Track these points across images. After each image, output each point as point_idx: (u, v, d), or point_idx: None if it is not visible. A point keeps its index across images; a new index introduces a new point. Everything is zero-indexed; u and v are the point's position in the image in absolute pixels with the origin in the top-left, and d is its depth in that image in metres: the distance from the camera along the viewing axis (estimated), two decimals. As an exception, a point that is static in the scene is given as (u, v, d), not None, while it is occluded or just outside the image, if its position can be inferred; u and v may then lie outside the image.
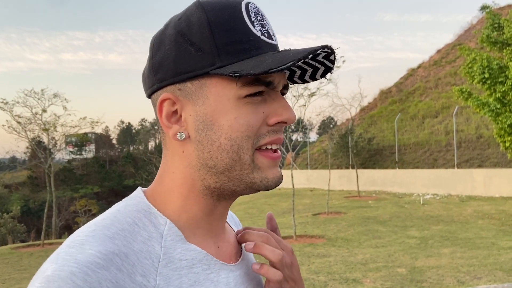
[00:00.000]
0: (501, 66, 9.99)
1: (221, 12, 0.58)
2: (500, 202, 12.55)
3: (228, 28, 0.57)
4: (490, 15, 11.48)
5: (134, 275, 0.52)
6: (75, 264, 0.49)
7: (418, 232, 8.91)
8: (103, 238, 0.53)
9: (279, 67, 0.53)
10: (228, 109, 0.58)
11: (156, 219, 0.59)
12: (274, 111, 0.60)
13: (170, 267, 0.56)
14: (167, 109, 0.60)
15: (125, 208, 0.60)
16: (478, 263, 6.20)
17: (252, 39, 0.58)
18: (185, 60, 0.58)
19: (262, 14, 0.62)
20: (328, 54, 0.60)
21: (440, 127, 19.45)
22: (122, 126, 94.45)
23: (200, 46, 0.57)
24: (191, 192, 0.61)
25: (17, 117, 11.12)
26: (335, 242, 8.27)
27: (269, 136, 0.60)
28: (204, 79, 0.58)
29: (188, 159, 0.60)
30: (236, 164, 0.58)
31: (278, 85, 0.60)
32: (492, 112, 9.78)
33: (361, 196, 15.70)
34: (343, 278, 5.76)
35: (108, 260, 0.51)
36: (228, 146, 0.58)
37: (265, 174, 0.60)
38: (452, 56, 24.80)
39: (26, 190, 49.82)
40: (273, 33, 0.62)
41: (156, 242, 0.57)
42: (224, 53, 0.57)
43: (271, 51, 0.60)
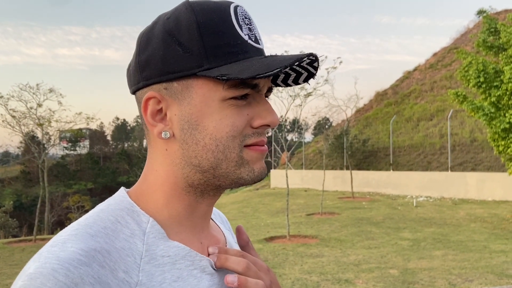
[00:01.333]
0: (496, 71, 10.05)
1: (211, 14, 0.59)
2: (492, 206, 12.64)
3: (217, 30, 0.58)
4: (487, 19, 11.54)
5: (117, 271, 0.53)
6: (57, 261, 0.49)
7: (411, 234, 8.95)
8: (85, 236, 0.54)
9: (266, 73, 0.55)
10: (213, 111, 0.59)
11: (139, 217, 0.60)
12: (258, 114, 0.61)
13: (153, 264, 0.57)
14: (152, 108, 0.61)
15: (107, 207, 0.60)
16: (470, 266, 6.23)
17: (240, 42, 0.59)
18: (172, 60, 0.59)
19: (250, 18, 0.62)
20: (312, 61, 0.62)
21: (435, 130, 19.55)
22: (117, 122, 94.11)
23: (188, 47, 0.58)
24: (174, 190, 0.62)
25: (11, 111, 11.05)
26: (328, 242, 8.29)
27: (254, 137, 0.61)
28: (190, 80, 0.59)
29: (171, 157, 0.61)
30: (222, 162, 0.60)
31: (263, 88, 0.62)
32: (486, 116, 9.84)
33: (355, 197, 15.75)
34: (335, 279, 5.77)
35: (90, 256, 0.51)
36: (213, 146, 0.59)
37: (251, 167, 0.62)
38: (448, 60, 24.93)
39: (19, 185, 49.53)
40: (259, 37, 0.63)
41: (139, 239, 0.58)
42: (212, 55, 0.58)
43: (258, 55, 0.61)
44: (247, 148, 0.61)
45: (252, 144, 0.61)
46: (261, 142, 0.62)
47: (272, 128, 0.63)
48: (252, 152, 0.61)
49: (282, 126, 11.57)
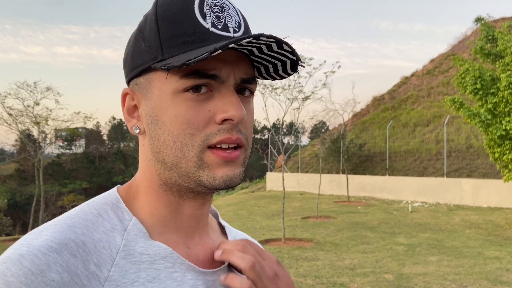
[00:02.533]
0: (493, 78, 10.12)
1: (170, 5, 0.57)
2: (487, 212, 12.69)
3: (174, 21, 0.56)
4: (485, 27, 11.62)
5: (88, 262, 0.52)
6: (27, 248, 0.49)
7: (406, 239, 8.97)
8: (63, 226, 0.54)
9: (196, 58, 0.51)
10: (169, 105, 0.56)
11: (122, 213, 0.59)
12: (220, 107, 0.56)
13: (129, 260, 0.55)
14: (128, 103, 0.61)
15: (93, 201, 0.60)
16: (464, 272, 6.25)
17: (198, 31, 0.56)
18: (137, 55, 0.59)
19: (223, 5, 0.59)
20: (279, 45, 0.55)
21: (431, 136, 19.62)
22: (113, 122, 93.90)
23: (148, 40, 0.57)
24: (151, 187, 0.61)
25: (8, 108, 11.02)
26: (323, 246, 8.30)
27: (219, 135, 0.56)
28: (151, 74, 0.58)
29: (146, 152, 0.61)
30: (181, 160, 0.57)
31: (228, 79, 0.57)
32: (482, 123, 9.89)
33: (351, 201, 15.76)
34: (330, 282, 5.77)
35: (63, 245, 0.51)
36: (171, 142, 0.57)
37: (212, 173, 0.57)
38: (445, 66, 25.05)
39: (14, 183, 49.26)
40: (234, 24, 0.58)
41: (118, 234, 0.57)
42: (167, 46, 0.56)
43: (223, 42, 0.55)
44: (210, 149, 0.57)
45: (217, 144, 0.56)
46: (227, 140, 0.56)
47: (236, 123, 0.56)
48: (214, 157, 0.57)
49: (279, 129, 11.59)
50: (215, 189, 0.58)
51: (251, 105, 0.62)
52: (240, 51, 0.58)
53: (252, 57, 0.60)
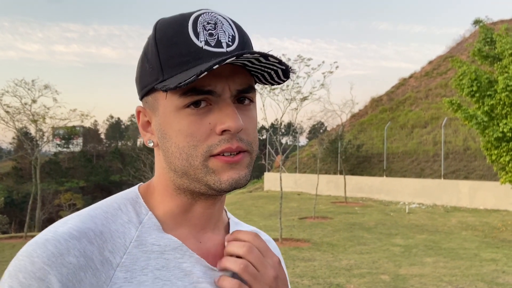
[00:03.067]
0: (490, 80, 10.14)
1: (167, 29, 0.62)
2: (484, 214, 12.73)
3: (171, 43, 0.61)
4: (483, 29, 11.65)
5: (103, 249, 0.59)
6: (53, 234, 0.57)
7: (402, 240, 8.99)
8: (86, 217, 0.61)
9: (185, 81, 0.56)
10: (172, 120, 0.62)
11: (140, 208, 0.66)
12: (219, 119, 0.61)
13: (141, 249, 0.62)
14: (142, 120, 0.68)
15: (116, 196, 0.68)
16: (461, 274, 6.27)
17: (192, 51, 0.60)
18: (143, 76, 0.65)
19: (217, 22, 0.62)
20: (266, 58, 0.59)
21: (429, 138, 19.66)
22: (111, 121, 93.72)
23: (151, 63, 0.63)
24: (166, 191, 0.67)
25: (6, 106, 10.97)
26: (320, 246, 8.30)
27: (220, 145, 0.61)
28: (156, 93, 0.64)
29: (161, 162, 0.67)
30: (189, 169, 0.62)
31: (224, 92, 0.61)
32: (479, 125, 9.91)
33: (348, 202, 15.78)
34: (327, 283, 5.78)
35: (83, 233, 0.58)
36: (177, 153, 0.62)
37: (218, 177, 0.62)
38: (444, 68, 25.11)
39: (10, 181, 49.12)
40: (228, 39, 0.62)
41: (134, 226, 0.63)
42: (166, 67, 0.61)
43: (216, 58, 0.59)
44: (213, 157, 0.61)
45: (219, 153, 0.61)
46: (228, 149, 0.61)
47: (233, 133, 0.61)
48: (217, 162, 0.61)
49: (277, 130, 11.58)
50: (223, 191, 0.63)
51: (251, 112, 0.66)
52: (234, 65, 0.61)
53: (247, 67, 0.63)
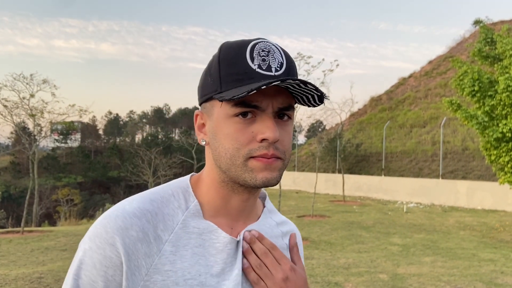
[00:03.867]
0: (491, 80, 10.12)
1: (230, 50, 0.76)
2: (482, 215, 12.73)
3: (230, 63, 0.75)
4: (484, 29, 11.62)
5: (157, 228, 0.75)
6: (122, 211, 0.75)
7: (400, 239, 8.98)
8: (146, 199, 0.78)
9: (238, 95, 0.68)
10: (223, 126, 0.75)
11: (189, 196, 0.81)
12: (260, 130, 0.74)
13: (184, 230, 0.77)
14: (198, 122, 0.82)
15: (172, 183, 0.83)
16: (459, 273, 6.26)
17: (247, 71, 0.73)
18: (205, 86, 0.79)
19: (269, 50, 0.76)
20: (305, 84, 0.71)
21: (427, 137, 19.66)
22: (109, 117, 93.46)
23: (212, 77, 0.76)
24: (212, 183, 0.81)
25: (3, 100, 10.90)
26: (318, 245, 8.29)
27: (259, 150, 0.74)
28: (213, 101, 0.77)
29: (211, 158, 0.80)
30: (231, 166, 0.75)
31: (267, 108, 0.74)
32: (479, 125, 9.89)
33: (346, 201, 15.78)
34: (325, 281, 5.76)
35: (143, 213, 0.75)
36: (223, 153, 0.76)
37: (255, 175, 0.75)
38: (443, 68, 25.09)
39: (8, 175, 48.99)
40: (277, 65, 0.75)
41: (181, 211, 0.79)
42: (224, 82, 0.75)
43: (266, 80, 0.73)
44: (252, 158, 0.74)
45: (258, 156, 0.74)
46: (265, 155, 0.74)
47: (271, 142, 0.73)
48: (255, 162, 0.74)
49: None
50: (257, 187, 0.76)
51: (289, 127, 0.79)
52: (279, 87, 0.74)
53: (289, 90, 0.75)
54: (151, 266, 0.73)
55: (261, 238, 0.82)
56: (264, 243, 0.82)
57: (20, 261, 7.04)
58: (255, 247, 0.81)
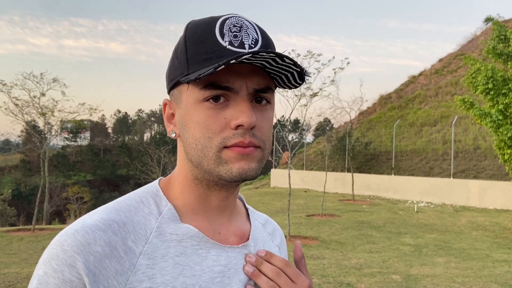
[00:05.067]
0: (505, 78, 9.96)
1: (196, 29, 0.67)
2: (494, 214, 12.56)
3: (198, 41, 0.66)
4: (497, 26, 11.44)
5: (126, 240, 0.64)
6: (81, 225, 0.63)
7: (412, 239, 8.87)
8: (111, 209, 0.67)
9: (205, 72, 0.60)
10: (192, 113, 0.67)
11: (160, 201, 0.70)
12: (234, 115, 0.65)
13: (160, 239, 0.66)
14: (167, 112, 0.73)
15: (139, 190, 0.73)
16: (473, 275, 6.16)
17: (216, 49, 0.65)
18: (172, 71, 0.70)
19: (242, 25, 0.67)
20: (281, 59, 0.63)
21: (438, 136, 19.46)
22: (118, 115, 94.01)
23: (179, 59, 0.68)
24: (185, 181, 0.71)
25: (14, 99, 10.97)
26: (329, 244, 8.22)
27: (234, 138, 0.65)
28: (181, 86, 0.68)
29: (182, 153, 0.72)
30: (203, 159, 0.67)
31: (241, 89, 0.65)
32: (493, 124, 9.74)
33: (356, 200, 15.67)
34: (337, 282, 5.70)
35: (108, 225, 0.64)
36: (193, 144, 0.67)
37: (230, 167, 0.66)
38: (454, 66, 24.81)
39: (19, 173, 49.50)
40: (251, 41, 0.66)
41: (154, 217, 0.68)
42: (192, 63, 0.66)
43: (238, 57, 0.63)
44: (226, 148, 0.65)
45: (232, 145, 0.65)
46: (240, 143, 0.65)
47: (246, 128, 0.65)
48: (230, 152, 0.65)
49: (285, 126, 11.50)
50: (233, 181, 0.67)
51: (268, 112, 0.70)
52: (253, 65, 0.65)
53: (266, 69, 0.67)
54: (125, 285, 0.62)
55: (269, 256, 0.73)
56: (274, 261, 0.72)
57: (31, 259, 7.06)
58: (264, 269, 0.71)
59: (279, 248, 0.84)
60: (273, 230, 0.86)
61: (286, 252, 0.88)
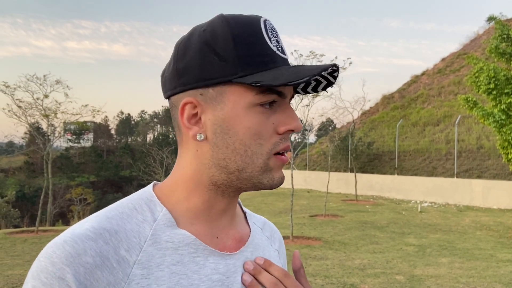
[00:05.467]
0: (508, 78, 9.92)
1: (244, 27, 0.64)
2: (498, 214, 12.51)
3: (249, 42, 0.64)
4: (499, 25, 11.40)
5: (119, 249, 0.61)
6: (70, 235, 0.60)
7: (416, 239, 8.85)
8: (102, 217, 0.64)
9: (297, 81, 0.60)
10: (243, 117, 0.64)
11: (155, 206, 0.67)
12: (283, 120, 0.66)
13: (155, 247, 0.63)
14: (189, 112, 0.66)
15: (132, 196, 0.69)
16: (477, 275, 6.13)
17: (269, 53, 0.64)
18: (209, 67, 0.64)
19: (276, 31, 0.68)
20: (333, 71, 0.66)
21: (441, 136, 19.40)
22: (121, 116, 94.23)
23: (224, 56, 0.63)
24: (197, 187, 0.68)
25: (18, 101, 11.01)
26: (332, 245, 8.21)
27: (282, 143, 0.66)
28: (224, 87, 0.64)
29: (201, 157, 0.67)
30: (248, 166, 0.65)
31: (288, 95, 0.67)
32: (496, 123, 9.71)
33: (359, 200, 15.64)
34: (340, 283, 5.69)
35: (98, 234, 0.61)
36: (242, 150, 0.64)
37: (272, 175, 0.66)
38: (457, 65, 24.74)
39: (22, 175, 49.68)
40: (285, 48, 0.69)
41: (148, 225, 0.65)
42: (246, 64, 0.63)
43: (285, 65, 0.66)
44: (274, 156, 0.66)
45: (281, 151, 0.66)
46: (287, 147, 0.67)
47: (296, 132, 0.67)
48: (277, 161, 0.66)
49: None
50: (272, 188, 0.67)
51: None
52: None
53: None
54: None
55: (268, 265, 0.71)
56: (273, 271, 0.70)
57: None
58: (262, 279, 0.69)
59: (278, 253, 0.82)
60: (271, 233, 0.84)
61: (285, 256, 0.86)
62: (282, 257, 0.83)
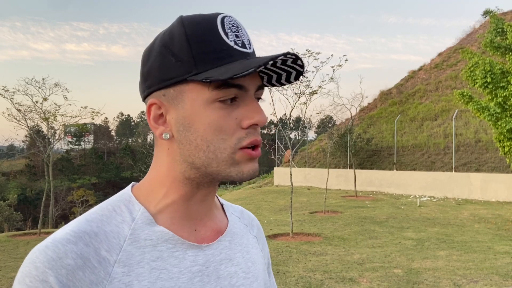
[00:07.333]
0: (503, 71, 10.00)
1: (198, 25, 0.66)
2: (496, 207, 12.61)
3: (203, 39, 0.65)
4: (494, 19, 11.47)
5: (99, 250, 0.64)
6: (52, 240, 0.63)
7: (414, 233, 8.94)
8: (83, 221, 0.66)
9: (242, 72, 0.60)
10: (202, 114, 0.65)
11: (133, 206, 0.69)
12: (246, 114, 0.66)
13: (135, 245, 0.66)
14: (154, 112, 0.69)
15: (112, 198, 0.71)
16: (475, 267, 6.23)
17: (225, 48, 0.65)
18: (167, 69, 0.66)
19: (238, 25, 0.68)
20: (295, 60, 0.66)
21: (439, 130, 19.48)
22: (121, 118, 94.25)
23: (179, 56, 0.65)
24: (174, 183, 0.70)
25: (17, 104, 11.08)
26: (331, 240, 8.30)
27: (247, 138, 0.66)
28: (182, 86, 0.66)
29: (173, 155, 0.69)
30: (212, 161, 0.66)
31: (250, 88, 0.66)
32: (492, 117, 9.79)
33: (358, 196, 15.73)
34: (339, 277, 5.78)
35: (78, 237, 0.63)
36: (204, 146, 0.66)
37: (241, 168, 0.67)
38: (454, 60, 24.80)
39: (24, 178, 49.74)
40: (248, 42, 0.69)
41: (127, 225, 0.67)
42: (200, 61, 0.64)
43: (244, 58, 0.66)
44: (240, 150, 0.66)
45: (247, 146, 0.66)
46: (255, 142, 0.67)
47: (260, 126, 0.67)
48: (244, 155, 0.66)
49: (286, 124, 11.57)
50: (243, 181, 0.70)
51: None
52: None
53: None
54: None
55: None
56: None
57: (38, 262, 7.17)
58: None
59: (256, 239, 0.85)
60: (249, 221, 0.87)
61: (264, 241, 0.89)
62: (260, 242, 0.86)
